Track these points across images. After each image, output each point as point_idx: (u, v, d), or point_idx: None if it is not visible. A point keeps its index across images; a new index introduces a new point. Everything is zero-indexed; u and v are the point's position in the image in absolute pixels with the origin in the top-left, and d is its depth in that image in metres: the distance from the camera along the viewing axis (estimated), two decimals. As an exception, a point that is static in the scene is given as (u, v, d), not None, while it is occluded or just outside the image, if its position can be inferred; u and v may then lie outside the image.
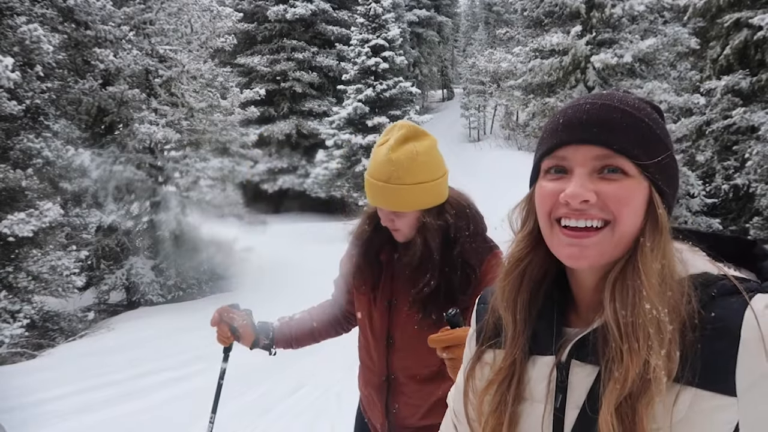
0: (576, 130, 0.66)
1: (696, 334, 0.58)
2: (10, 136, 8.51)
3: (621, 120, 0.65)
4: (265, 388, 5.01)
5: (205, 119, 11.64)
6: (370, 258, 1.55)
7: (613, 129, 0.65)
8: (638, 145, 0.64)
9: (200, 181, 11.79)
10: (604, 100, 0.67)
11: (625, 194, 0.64)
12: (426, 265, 1.42)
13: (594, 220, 0.64)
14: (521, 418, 0.72)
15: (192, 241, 11.43)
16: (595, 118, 0.65)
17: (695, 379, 0.58)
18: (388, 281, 1.54)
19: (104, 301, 11.38)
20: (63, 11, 9.98)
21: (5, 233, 7.64)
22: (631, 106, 0.67)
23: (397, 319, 1.52)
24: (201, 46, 11.91)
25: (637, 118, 0.66)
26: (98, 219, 10.10)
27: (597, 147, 0.65)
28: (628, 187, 0.64)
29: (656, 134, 0.66)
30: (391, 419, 1.59)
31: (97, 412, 4.69)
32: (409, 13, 32.31)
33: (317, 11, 19.81)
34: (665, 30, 11.02)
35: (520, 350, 0.72)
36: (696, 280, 0.62)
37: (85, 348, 7.52)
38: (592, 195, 0.64)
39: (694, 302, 0.60)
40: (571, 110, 0.68)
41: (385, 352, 1.56)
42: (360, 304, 1.63)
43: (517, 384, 0.72)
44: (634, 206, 0.64)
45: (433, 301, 1.41)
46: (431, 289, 1.41)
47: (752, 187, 10.07)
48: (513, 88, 13.04)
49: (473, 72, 29.01)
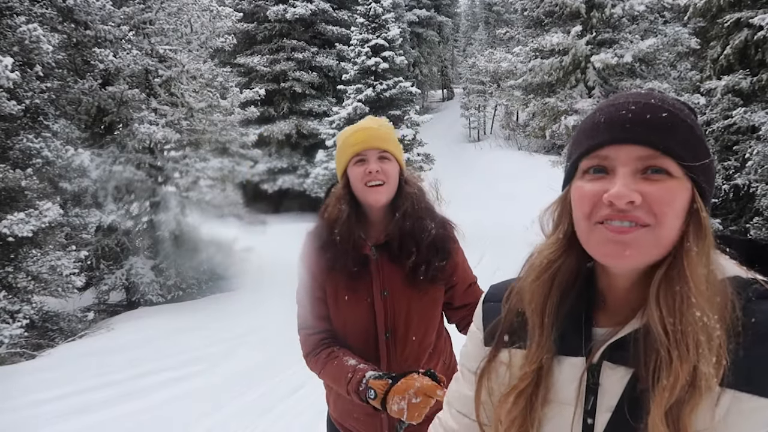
0: (620, 129, 0.64)
1: (738, 338, 0.58)
2: (10, 136, 8.50)
3: (666, 120, 0.64)
4: (265, 388, 5.00)
5: (205, 119, 11.63)
6: (353, 245, 1.46)
7: (658, 128, 0.64)
8: (683, 145, 0.64)
9: (200, 181, 11.78)
10: (647, 99, 0.66)
11: (669, 195, 0.63)
12: (424, 214, 1.51)
13: (637, 222, 0.63)
14: (548, 421, 0.71)
15: (192, 241, 11.43)
16: (640, 118, 0.64)
17: (735, 381, 0.58)
18: (376, 272, 1.49)
19: (104, 301, 11.37)
20: (62, 11, 9.98)
21: (5, 233, 7.63)
22: (673, 107, 0.66)
23: (394, 307, 1.49)
24: (201, 46, 11.90)
25: (680, 118, 0.65)
26: (98, 219, 10.09)
27: (641, 147, 0.63)
28: (671, 188, 0.63)
29: (698, 136, 0.66)
30: (391, 420, 1.54)
31: (97, 412, 4.68)
32: (409, 13, 32.30)
33: (317, 11, 19.80)
34: (665, 30, 11.02)
35: (548, 352, 0.71)
36: (732, 284, 0.61)
37: (85, 348, 7.51)
38: (637, 196, 0.62)
39: (737, 307, 0.59)
40: (613, 108, 0.66)
41: (385, 348, 1.51)
42: (343, 308, 1.50)
43: (544, 386, 0.71)
44: (676, 208, 0.63)
45: (436, 250, 1.49)
46: (432, 239, 1.48)
47: (752, 187, 10.06)
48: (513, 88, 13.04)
49: (473, 72, 29.02)
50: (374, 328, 1.51)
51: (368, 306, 1.50)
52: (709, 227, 0.64)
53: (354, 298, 1.50)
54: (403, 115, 15.50)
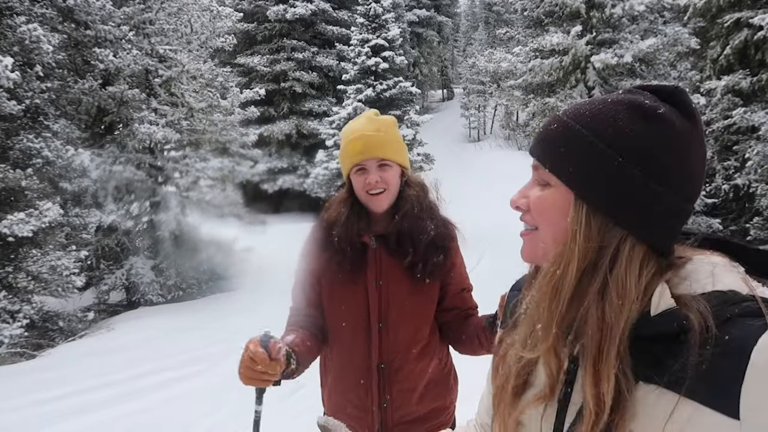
0: (532, 142, 0.72)
1: (705, 349, 0.57)
2: (10, 136, 8.51)
3: (550, 130, 0.68)
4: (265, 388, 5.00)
5: (205, 119, 11.64)
6: (352, 240, 1.50)
7: (541, 141, 0.69)
8: (553, 155, 0.67)
9: (200, 181, 11.79)
10: (565, 110, 0.69)
11: (540, 203, 0.69)
12: (423, 215, 1.52)
13: (526, 224, 0.72)
14: (528, 405, 0.73)
15: (192, 241, 11.43)
16: (541, 131, 0.71)
17: (698, 393, 0.57)
18: (373, 263, 1.53)
19: (104, 301, 11.37)
20: (63, 11, 9.98)
21: (5, 233, 7.63)
22: (576, 114, 0.66)
23: (388, 298, 1.52)
24: (201, 46, 11.91)
25: (566, 125, 0.66)
26: (98, 219, 10.10)
27: (532, 157, 0.71)
28: (544, 197, 0.68)
29: (582, 139, 0.63)
30: (382, 417, 1.56)
31: (97, 412, 4.68)
32: (409, 13, 32.30)
33: (317, 11, 19.80)
34: (665, 30, 11.02)
35: None
36: (717, 297, 0.59)
37: (85, 348, 7.52)
38: (522, 201, 0.71)
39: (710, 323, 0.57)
40: None
41: (377, 340, 1.53)
42: (338, 296, 1.54)
43: (532, 372, 0.74)
44: (549, 216, 0.68)
45: (433, 249, 1.50)
46: (431, 238, 1.50)
47: (752, 187, 10.07)
48: (513, 88, 13.04)
49: (473, 72, 29.01)
50: (367, 317, 1.53)
51: (363, 295, 1.52)
52: (574, 232, 0.64)
53: (349, 287, 1.53)
54: (403, 115, 15.49)
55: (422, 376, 1.56)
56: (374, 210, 1.52)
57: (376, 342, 1.53)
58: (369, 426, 1.57)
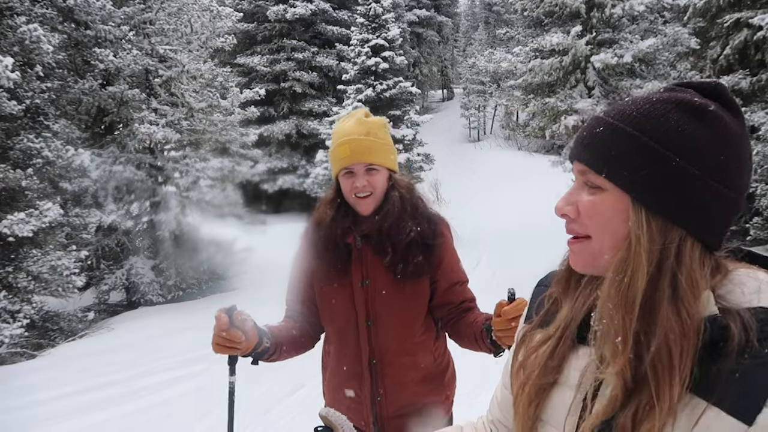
0: (573, 146, 0.70)
1: (743, 358, 0.57)
2: (10, 136, 8.51)
3: (597, 134, 0.66)
4: (265, 388, 5.00)
5: (205, 119, 11.64)
6: (336, 240, 1.55)
7: (587, 144, 0.67)
8: (606, 159, 0.65)
9: (200, 181, 11.78)
10: (605, 114, 0.67)
11: (593, 209, 0.66)
12: (405, 216, 1.53)
13: (575, 234, 0.69)
14: (552, 401, 0.74)
15: (192, 241, 11.43)
16: (582, 134, 0.68)
17: (724, 402, 0.57)
18: (358, 262, 1.55)
19: (104, 301, 11.38)
20: (63, 11, 9.98)
21: (5, 233, 7.63)
22: (621, 115, 0.65)
23: (375, 296, 1.55)
24: (201, 46, 11.91)
25: (615, 127, 0.65)
26: (98, 219, 10.10)
27: (578, 162, 0.68)
28: (596, 202, 0.66)
29: (636, 142, 0.63)
30: (377, 410, 1.59)
31: (97, 412, 4.68)
32: (409, 13, 32.30)
33: (317, 11, 19.80)
34: (665, 30, 11.01)
35: (568, 337, 0.74)
36: (762, 313, 0.59)
37: (85, 348, 7.52)
38: (569, 209, 0.69)
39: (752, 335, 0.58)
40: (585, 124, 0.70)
41: (366, 336, 1.56)
42: (327, 295, 1.59)
43: (557, 370, 0.74)
44: (601, 222, 0.66)
45: (413, 251, 1.50)
46: (411, 238, 1.50)
47: (752, 187, 10.07)
48: (513, 88, 13.03)
49: (473, 72, 29.01)
50: (356, 316, 1.56)
51: (350, 294, 1.56)
52: (637, 238, 0.62)
53: (337, 287, 1.57)
54: (403, 115, 15.49)
55: (415, 371, 1.58)
56: (360, 212, 1.55)
57: (365, 339, 1.56)
58: (365, 418, 1.61)
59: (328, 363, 1.69)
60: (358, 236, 1.55)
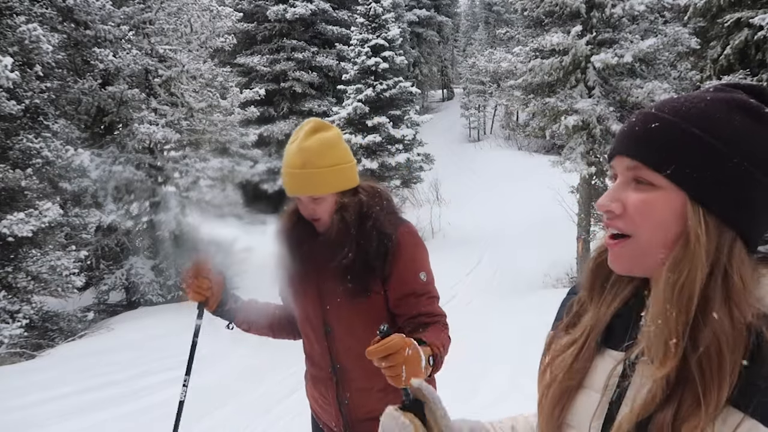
0: (618, 140, 0.68)
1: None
2: (10, 136, 8.51)
3: (653, 129, 0.64)
4: (265, 388, 5.00)
5: (205, 119, 11.63)
6: (293, 251, 1.60)
7: (640, 139, 0.65)
8: (663, 154, 0.63)
9: (200, 181, 11.78)
10: (655, 109, 0.66)
11: (644, 206, 0.64)
12: (343, 239, 1.51)
13: (619, 230, 0.67)
14: (577, 404, 0.73)
15: (192, 241, 11.41)
16: (633, 128, 0.66)
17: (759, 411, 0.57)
18: (313, 271, 1.58)
19: (104, 301, 11.37)
20: (62, 11, 9.98)
21: (5, 233, 7.63)
22: (677, 112, 0.64)
23: (330, 304, 1.57)
24: (201, 45, 11.90)
25: (674, 124, 0.63)
26: (98, 219, 10.10)
27: (628, 158, 0.66)
28: (648, 199, 0.64)
29: (699, 140, 0.62)
30: (345, 413, 1.61)
31: (97, 412, 4.68)
32: (409, 13, 32.29)
33: (317, 11, 19.79)
34: (665, 30, 11.01)
35: (593, 340, 0.73)
36: None
37: (84, 348, 7.51)
38: (615, 205, 0.66)
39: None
40: (630, 118, 0.69)
41: (326, 343, 1.59)
42: (295, 301, 1.64)
43: (583, 373, 0.73)
44: (654, 220, 0.64)
45: (352, 272, 1.50)
46: (349, 261, 1.49)
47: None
48: (513, 88, 13.03)
49: (473, 72, 29.01)
50: (315, 322, 1.60)
51: (310, 300, 1.60)
52: (696, 236, 0.61)
53: (299, 293, 1.62)
54: (403, 115, 15.49)
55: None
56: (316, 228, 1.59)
57: (325, 345, 1.60)
58: (335, 420, 1.63)
59: (305, 360, 1.75)
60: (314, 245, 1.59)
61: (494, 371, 4.89)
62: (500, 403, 4.14)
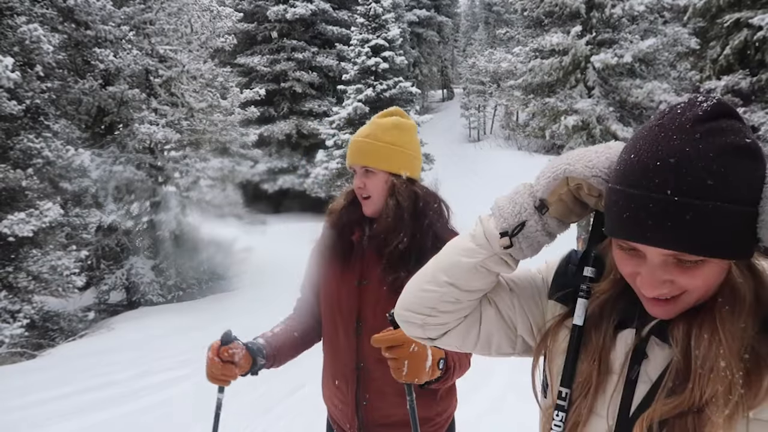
0: (643, 230, 0.61)
1: None
2: (10, 136, 8.51)
3: (690, 222, 0.58)
4: (265, 388, 5.00)
5: (205, 119, 11.64)
6: (341, 232, 1.56)
7: (675, 230, 0.59)
8: (708, 242, 0.60)
9: (200, 181, 11.79)
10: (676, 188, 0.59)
11: (701, 280, 0.64)
12: (397, 224, 1.48)
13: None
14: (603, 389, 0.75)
15: (192, 241, 11.44)
16: (660, 219, 0.59)
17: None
18: (358, 260, 1.54)
19: (104, 301, 11.38)
20: (63, 11, 9.98)
21: (5, 233, 7.64)
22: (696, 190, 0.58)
23: (367, 298, 1.52)
24: (201, 46, 11.91)
25: (703, 209, 0.58)
26: (98, 219, 10.10)
27: (666, 248, 0.62)
28: (704, 273, 0.63)
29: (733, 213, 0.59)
30: (362, 415, 1.56)
31: (97, 412, 4.68)
32: (409, 13, 32.30)
33: (317, 11, 19.80)
34: (665, 30, 11.02)
35: (610, 326, 0.75)
36: None
37: (85, 348, 7.52)
38: (668, 290, 0.65)
39: None
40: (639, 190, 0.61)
41: (354, 338, 1.54)
42: (328, 286, 1.59)
43: (604, 360, 0.74)
44: (709, 283, 0.65)
45: (404, 263, 1.44)
46: (404, 247, 1.46)
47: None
48: (513, 88, 13.04)
49: (473, 72, 29.04)
50: (347, 315, 1.55)
51: (346, 291, 1.55)
52: (746, 288, 0.65)
53: (335, 284, 1.57)
54: (403, 115, 15.47)
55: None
56: (364, 212, 1.56)
57: (353, 341, 1.55)
58: (350, 421, 1.59)
59: (324, 360, 1.69)
60: (365, 236, 1.55)
61: (494, 371, 4.90)
62: (500, 403, 4.15)
